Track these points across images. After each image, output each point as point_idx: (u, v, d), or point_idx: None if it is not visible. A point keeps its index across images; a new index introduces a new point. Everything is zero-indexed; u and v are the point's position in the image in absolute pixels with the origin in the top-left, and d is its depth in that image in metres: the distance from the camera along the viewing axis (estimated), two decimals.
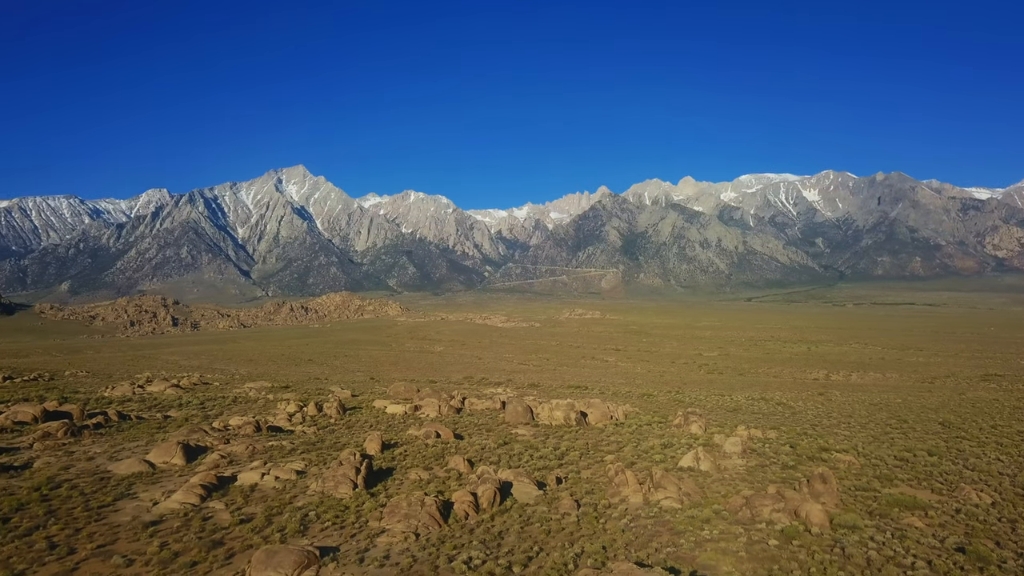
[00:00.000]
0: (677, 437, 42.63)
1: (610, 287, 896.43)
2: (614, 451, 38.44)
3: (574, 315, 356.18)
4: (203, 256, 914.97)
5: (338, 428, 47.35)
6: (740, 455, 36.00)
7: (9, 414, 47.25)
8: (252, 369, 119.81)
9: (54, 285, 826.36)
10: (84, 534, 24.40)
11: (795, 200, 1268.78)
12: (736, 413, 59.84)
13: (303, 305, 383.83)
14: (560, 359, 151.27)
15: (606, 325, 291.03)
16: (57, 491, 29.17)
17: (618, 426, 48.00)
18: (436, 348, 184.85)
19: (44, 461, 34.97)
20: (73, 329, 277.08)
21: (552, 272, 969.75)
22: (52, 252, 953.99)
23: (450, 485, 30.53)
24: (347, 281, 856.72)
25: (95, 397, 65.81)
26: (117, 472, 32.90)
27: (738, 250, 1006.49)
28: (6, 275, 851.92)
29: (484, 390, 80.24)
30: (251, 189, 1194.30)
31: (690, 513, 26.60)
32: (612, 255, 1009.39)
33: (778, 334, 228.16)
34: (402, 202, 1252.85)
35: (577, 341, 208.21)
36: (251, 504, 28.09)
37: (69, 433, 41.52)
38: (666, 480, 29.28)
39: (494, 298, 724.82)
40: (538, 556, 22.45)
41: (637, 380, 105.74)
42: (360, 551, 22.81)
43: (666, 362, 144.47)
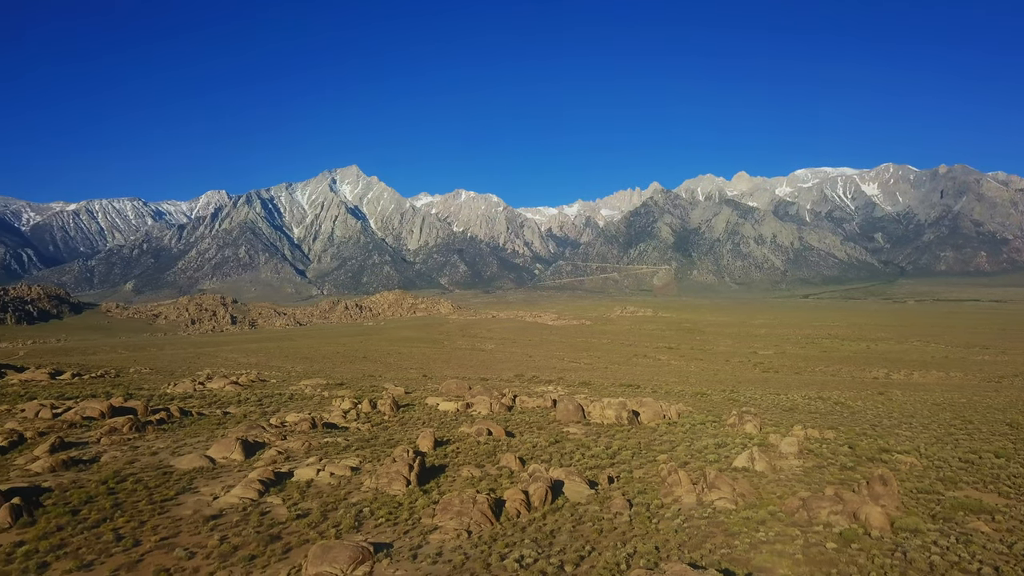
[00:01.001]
0: (731, 437, 42.05)
1: (662, 284, 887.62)
2: (667, 450, 38.11)
3: (626, 313, 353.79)
4: (260, 256, 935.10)
5: (391, 425, 47.95)
6: (796, 455, 35.33)
7: (78, 410, 49.10)
8: (308, 366, 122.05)
9: (119, 285, 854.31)
10: (148, 527, 25.24)
11: (853, 194, 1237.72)
12: (792, 412, 58.71)
13: (357, 303, 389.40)
14: (611, 357, 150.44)
15: (658, 323, 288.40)
16: (123, 484, 30.23)
17: (671, 425, 47.55)
18: (487, 346, 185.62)
19: (111, 455, 36.25)
20: (137, 327, 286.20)
21: (603, 269, 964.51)
22: (117, 253, 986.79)
23: (502, 483, 30.65)
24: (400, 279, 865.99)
25: (158, 393, 67.92)
26: (179, 467, 33.93)
27: (794, 246, 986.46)
28: (75, 275, 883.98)
29: (535, 388, 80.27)
30: (306, 189, 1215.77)
31: (745, 514, 26.22)
32: (664, 252, 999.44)
33: (836, 331, 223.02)
34: (453, 201, 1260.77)
35: (629, 339, 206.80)
36: (307, 500, 28.66)
37: (134, 428, 42.96)
38: (720, 480, 28.92)
39: (544, 296, 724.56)
40: (590, 555, 22.41)
41: (690, 379, 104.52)
42: (413, 548, 23.08)
43: (720, 360, 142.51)
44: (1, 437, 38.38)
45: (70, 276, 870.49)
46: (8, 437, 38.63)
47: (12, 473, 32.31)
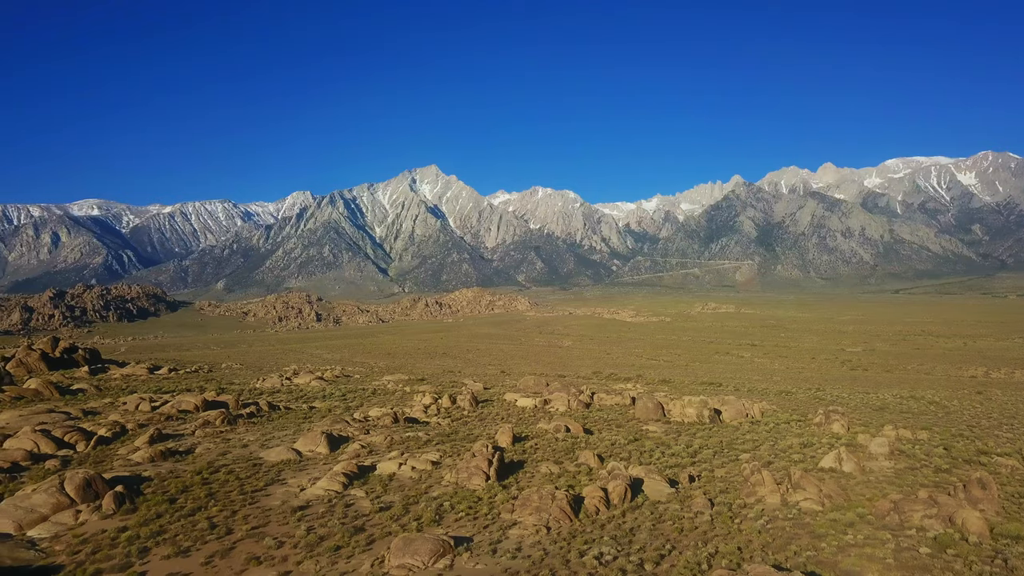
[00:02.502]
0: (817, 436, 40.84)
1: (745, 280, 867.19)
2: (750, 450, 37.31)
3: (707, 309, 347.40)
4: (344, 254, 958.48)
5: (471, 420, 48.48)
6: (887, 456, 34.03)
7: (174, 403, 51.53)
8: (390, 362, 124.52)
9: (211, 283, 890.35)
10: (240, 516, 26.30)
11: (948, 184, 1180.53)
12: (882, 412, 56.55)
13: (437, 301, 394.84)
14: (692, 355, 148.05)
15: (741, 319, 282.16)
16: (216, 475, 31.58)
17: (754, 424, 46.52)
18: (564, 342, 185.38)
19: (205, 447, 37.91)
20: (228, 324, 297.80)
21: (683, 265, 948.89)
22: (209, 253, 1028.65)
23: (580, 480, 30.63)
24: (478, 277, 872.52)
25: (248, 388, 70.60)
26: (268, 459, 35.20)
27: (884, 239, 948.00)
28: (170, 275, 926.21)
29: (613, 385, 79.76)
30: (387, 189, 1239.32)
31: (832, 516, 25.45)
32: (747, 246, 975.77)
33: (929, 328, 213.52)
34: (530, 198, 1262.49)
35: (710, 336, 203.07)
36: (389, 493, 29.30)
37: (226, 422, 44.80)
38: (806, 481, 28.15)
39: (622, 292, 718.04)
40: (670, 554, 22.18)
41: (774, 376, 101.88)
42: (493, 542, 23.31)
43: (805, 358, 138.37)
44: (105, 428, 40.63)
45: (166, 276, 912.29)
46: (111, 429, 40.86)
47: (115, 462, 34.17)
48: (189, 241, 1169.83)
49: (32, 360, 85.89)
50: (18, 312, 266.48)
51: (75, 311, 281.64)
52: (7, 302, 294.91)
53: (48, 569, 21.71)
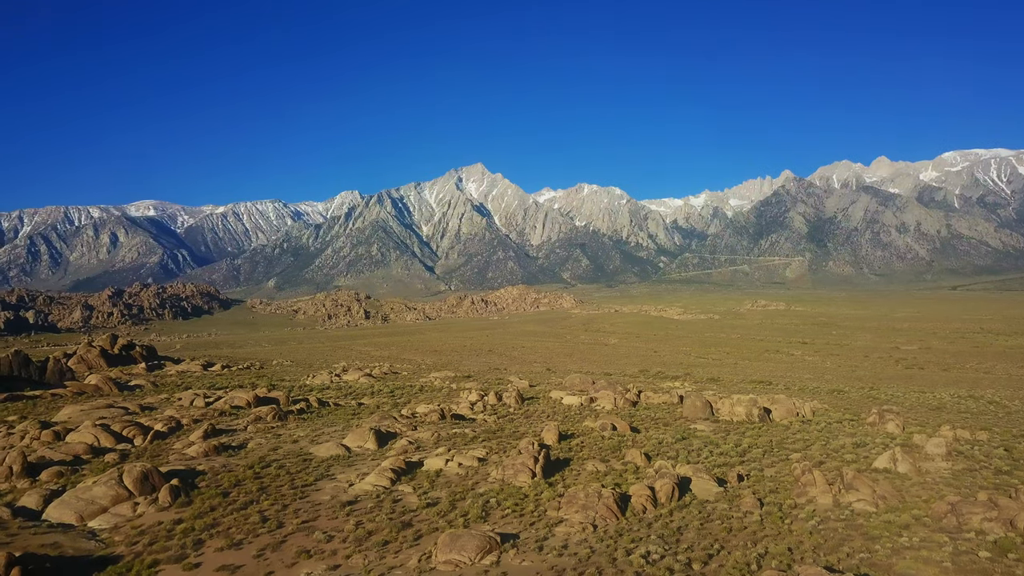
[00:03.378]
0: (871, 436, 39.93)
1: (795, 276, 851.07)
2: (800, 449, 36.65)
3: (756, 306, 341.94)
4: (391, 253, 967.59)
5: (517, 417, 48.58)
6: (944, 457, 33.09)
7: (227, 399, 52.71)
8: (437, 359, 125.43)
9: (263, 282, 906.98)
10: (290, 510, 26.80)
11: (1009, 177, 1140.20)
12: (939, 412, 55.01)
13: (483, 298, 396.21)
14: (741, 353, 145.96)
15: (791, 317, 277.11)
16: (267, 470, 32.22)
17: (805, 423, 45.69)
18: (610, 340, 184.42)
19: (256, 442, 38.70)
20: (279, 322, 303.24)
21: (732, 262, 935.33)
22: (261, 252, 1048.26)
23: (627, 478, 30.46)
24: (523, 274, 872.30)
25: (298, 384, 71.83)
26: (318, 454, 35.79)
27: (940, 234, 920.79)
28: (223, 273, 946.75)
29: (660, 384, 79.15)
30: (433, 188, 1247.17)
31: (886, 518, 24.86)
32: (797, 243, 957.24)
33: (989, 326, 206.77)
34: (576, 195, 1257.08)
35: (760, 334, 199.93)
36: (436, 489, 29.54)
37: (277, 417, 45.66)
38: (859, 481, 27.55)
39: (669, 289, 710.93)
40: (719, 554, 21.92)
41: (826, 375, 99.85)
42: (539, 539, 23.33)
43: (858, 356, 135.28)
44: (161, 424, 41.75)
45: (219, 274, 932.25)
46: (167, 424, 41.97)
47: (171, 457, 35.10)
48: (241, 240, 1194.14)
49: (92, 357, 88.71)
50: (79, 310, 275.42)
51: (132, 309, 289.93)
52: (68, 300, 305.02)
53: (108, 559, 22.41)
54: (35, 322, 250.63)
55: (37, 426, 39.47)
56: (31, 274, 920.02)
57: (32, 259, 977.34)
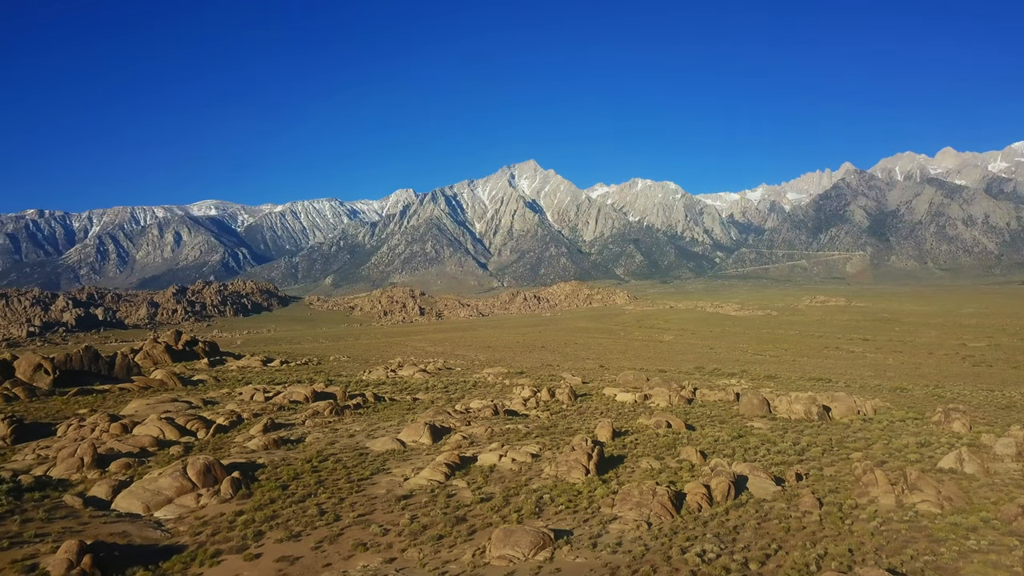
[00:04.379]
0: (936, 435, 38.72)
1: (856, 271, 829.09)
2: (861, 448, 35.75)
3: (815, 302, 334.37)
4: (445, 250, 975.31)
5: (570, 414, 48.50)
6: (1014, 458, 31.88)
7: (286, 394, 53.88)
8: (490, 355, 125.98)
9: (320, 279, 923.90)
10: (347, 503, 27.26)
11: None
12: (1009, 411, 53.01)
13: (535, 295, 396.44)
14: (800, 349, 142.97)
15: (852, 312, 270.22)
16: (325, 464, 32.84)
17: (866, 422, 44.55)
18: (665, 337, 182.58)
19: (314, 436, 39.47)
20: (336, 318, 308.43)
21: (790, 256, 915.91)
22: (318, 250, 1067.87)
23: (682, 476, 30.15)
24: (576, 271, 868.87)
25: (355, 380, 72.97)
26: (373, 448, 36.32)
27: (1010, 227, 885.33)
28: (281, 271, 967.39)
29: (716, 381, 78.10)
30: (486, 186, 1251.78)
31: (952, 520, 24.07)
32: (858, 237, 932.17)
33: None
34: (629, 190, 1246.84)
35: (819, 330, 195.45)
36: (490, 484, 29.69)
37: (334, 412, 46.48)
38: (923, 482, 26.73)
39: (726, 285, 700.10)
40: (776, 554, 21.53)
41: (888, 372, 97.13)
42: (593, 536, 23.25)
43: (922, 353, 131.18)
44: (223, 417, 42.90)
45: (278, 272, 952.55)
46: (228, 418, 43.10)
47: (232, 450, 36.05)
48: (299, 239, 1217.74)
49: (157, 352, 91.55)
50: (145, 307, 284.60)
51: (195, 306, 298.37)
52: (135, 298, 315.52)
53: (173, 548, 23.13)
54: (104, 319, 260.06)
55: (106, 419, 40.96)
56: (100, 272, 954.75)
57: (101, 258, 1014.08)
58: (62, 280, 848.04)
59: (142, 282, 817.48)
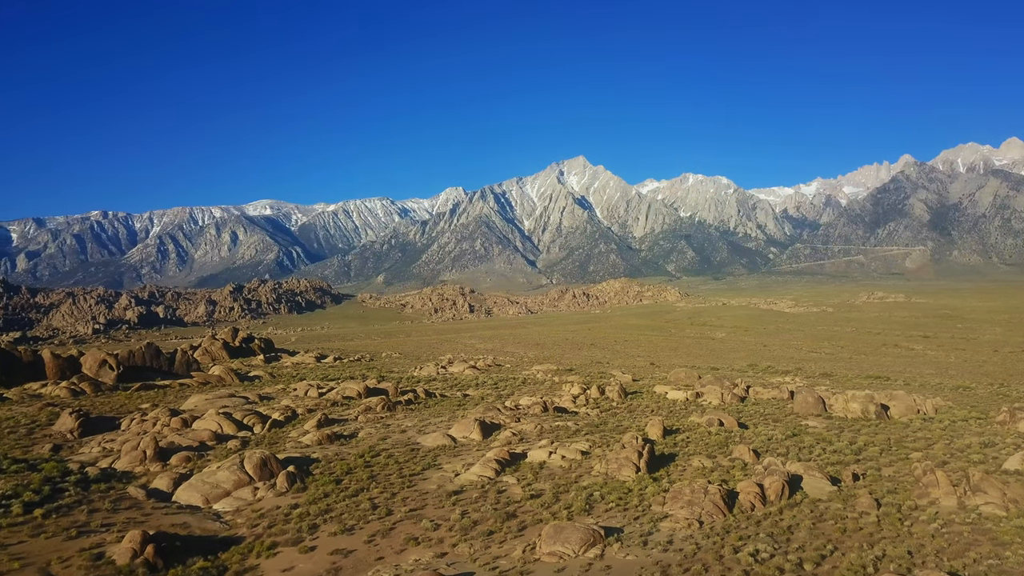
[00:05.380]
0: (1001, 436, 37.47)
1: (916, 267, 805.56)
2: (921, 448, 34.79)
3: (873, 298, 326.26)
4: (494, 248, 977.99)
5: (620, 411, 48.27)
6: None
7: (339, 390, 54.78)
8: (539, 352, 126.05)
9: (372, 277, 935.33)
10: (399, 498, 27.63)
11: None
12: None
13: (584, 292, 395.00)
14: (856, 347, 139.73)
15: (911, 309, 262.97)
16: (377, 459, 33.32)
17: (926, 421, 43.33)
18: (717, 334, 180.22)
19: (367, 432, 40.06)
20: (388, 316, 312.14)
21: (846, 252, 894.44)
22: (370, 248, 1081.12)
23: (734, 475, 29.79)
24: (626, 267, 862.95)
25: (406, 376, 73.82)
26: (425, 444, 36.72)
27: None
28: (335, 269, 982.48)
29: (770, 379, 76.86)
30: (535, 183, 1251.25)
31: (1018, 523, 23.28)
32: (918, 231, 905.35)
33: None
34: (680, 185, 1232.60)
35: (876, 327, 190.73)
36: (540, 480, 29.76)
37: (386, 408, 47.09)
38: (987, 483, 25.91)
39: (779, 281, 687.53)
40: (832, 555, 21.13)
41: (950, 371, 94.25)
42: (644, 534, 23.14)
43: (986, 350, 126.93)
44: (278, 413, 43.84)
45: (331, 270, 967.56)
46: (284, 413, 44.03)
47: (287, 444, 36.83)
48: (351, 237, 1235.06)
49: (215, 349, 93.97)
50: (203, 305, 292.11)
51: (251, 304, 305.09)
52: (194, 296, 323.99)
53: (231, 540, 23.77)
54: (164, 316, 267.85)
55: (167, 413, 42.21)
56: (160, 271, 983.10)
57: (161, 257, 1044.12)
58: (125, 279, 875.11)
59: (200, 280, 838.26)
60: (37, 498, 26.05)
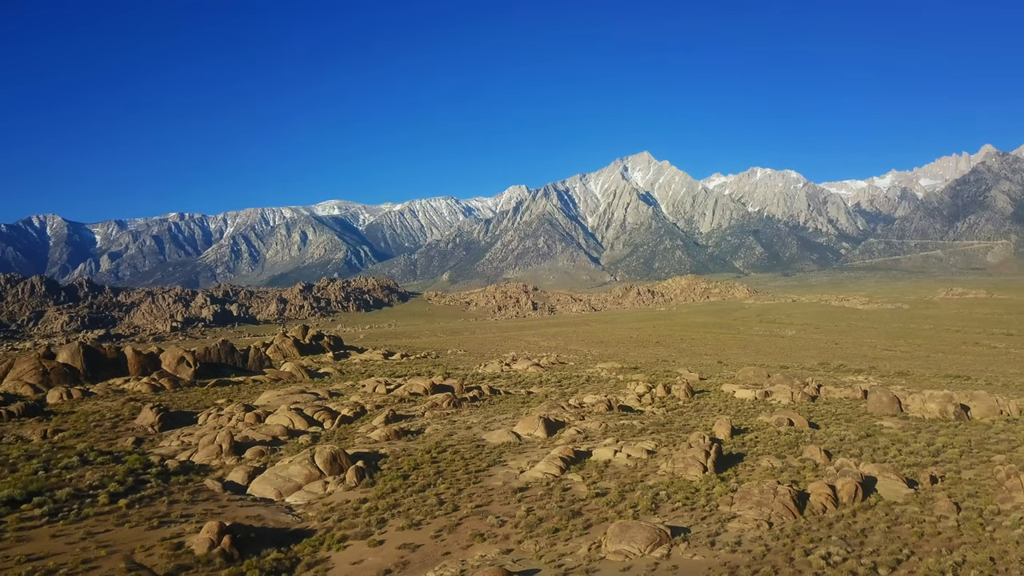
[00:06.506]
0: None
1: (998, 261, 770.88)
2: (1004, 451, 33.36)
3: (952, 295, 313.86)
4: (557, 245, 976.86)
5: (686, 410, 47.70)
6: None
7: (406, 386, 55.64)
8: (603, 350, 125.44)
9: (437, 275, 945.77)
10: (465, 494, 27.94)
11: None
12: None
13: (649, 289, 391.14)
14: (934, 345, 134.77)
15: (993, 305, 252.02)
16: (443, 455, 33.75)
17: (1010, 423, 41.49)
18: (787, 332, 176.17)
19: (433, 428, 40.60)
20: (452, 313, 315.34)
21: (923, 247, 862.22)
22: (435, 247, 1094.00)
23: (805, 475, 29.14)
24: (692, 264, 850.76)
25: (471, 373, 74.48)
26: (490, 441, 37.01)
27: None
28: (401, 268, 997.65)
29: (842, 377, 74.81)
30: (599, 179, 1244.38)
31: None
32: (1000, 224, 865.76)
33: None
34: (747, 180, 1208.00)
35: (956, 324, 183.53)
36: (605, 479, 29.68)
37: (452, 404, 47.64)
38: None
39: (852, 277, 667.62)
40: (908, 560, 20.48)
41: None
42: (711, 534, 22.86)
43: None
44: (347, 409, 44.79)
45: (397, 269, 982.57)
46: (352, 409, 44.96)
47: (356, 440, 37.61)
48: (417, 236, 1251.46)
49: (286, 346, 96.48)
50: (274, 304, 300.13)
51: (320, 302, 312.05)
52: (265, 295, 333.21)
53: (302, 532, 24.46)
54: (238, 314, 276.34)
55: (241, 409, 43.61)
56: (234, 271, 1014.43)
57: (235, 257, 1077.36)
58: (200, 278, 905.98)
59: (271, 279, 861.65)
60: (121, 489, 27.29)
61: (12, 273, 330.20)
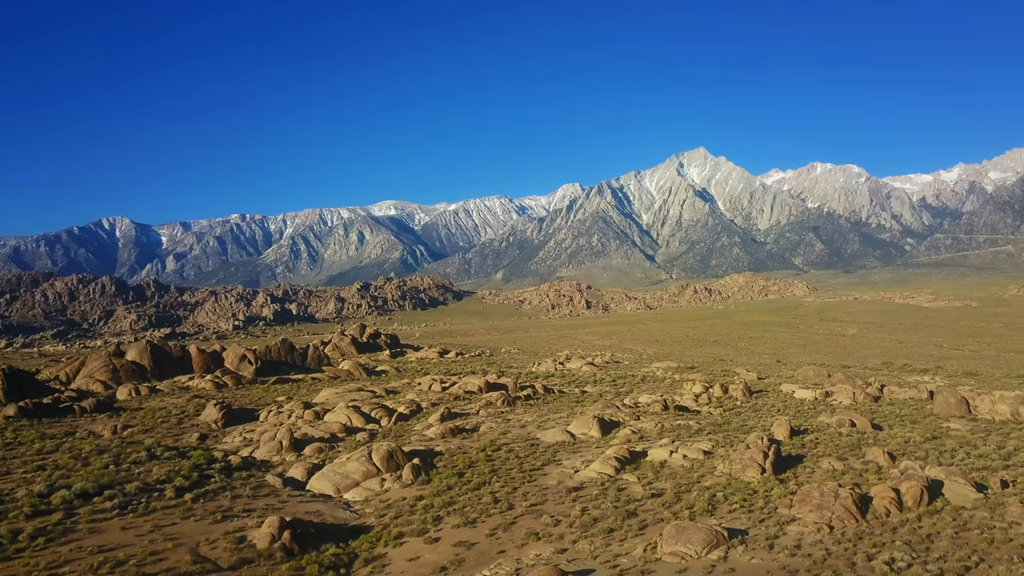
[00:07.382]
0: None
1: None
2: None
3: None
4: (611, 243, 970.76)
5: (744, 411, 47.00)
6: None
7: (461, 384, 56.10)
8: (658, 349, 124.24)
9: (491, 274, 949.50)
10: (519, 493, 28.04)
11: None
12: None
13: (706, 287, 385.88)
14: (1005, 344, 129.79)
15: None
16: (498, 453, 33.93)
17: None
18: (848, 331, 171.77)
19: (488, 426, 40.85)
20: (506, 312, 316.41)
21: (993, 242, 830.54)
22: (489, 246, 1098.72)
23: (868, 478, 28.44)
24: (750, 261, 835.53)
25: (525, 371, 74.61)
26: (544, 440, 37.07)
27: None
28: (456, 267, 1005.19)
29: (907, 378, 72.66)
30: (653, 176, 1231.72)
31: None
32: None
33: None
34: (807, 175, 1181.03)
35: None
36: (661, 480, 29.44)
37: (506, 403, 47.86)
38: None
39: (917, 274, 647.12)
40: (977, 567, 19.81)
41: None
42: (769, 537, 22.49)
43: None
44: (404, 406, 45.38)
45: (452, 268, 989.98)
46: (409, 407, 45.53)
47: (412, 437, 38.08)
48: (471, 235, 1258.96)
49: (344, 344, 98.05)
50: (332, 302, 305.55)
51: (377, 301, 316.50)
52: (324, 294, 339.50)
53: (360, 529, 24.89)
54: (297, 313, 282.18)
55: (301, 406, 44.59)
56: (293, 270, 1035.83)
57: (294, 257, 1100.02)
58: (261, 278, 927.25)
59: (329, 279, 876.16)
60: (187, 483, 28.20)
61: (84, 274, 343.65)
